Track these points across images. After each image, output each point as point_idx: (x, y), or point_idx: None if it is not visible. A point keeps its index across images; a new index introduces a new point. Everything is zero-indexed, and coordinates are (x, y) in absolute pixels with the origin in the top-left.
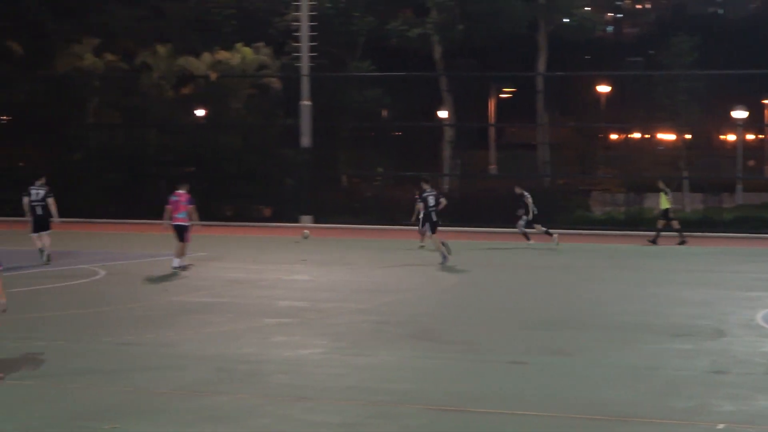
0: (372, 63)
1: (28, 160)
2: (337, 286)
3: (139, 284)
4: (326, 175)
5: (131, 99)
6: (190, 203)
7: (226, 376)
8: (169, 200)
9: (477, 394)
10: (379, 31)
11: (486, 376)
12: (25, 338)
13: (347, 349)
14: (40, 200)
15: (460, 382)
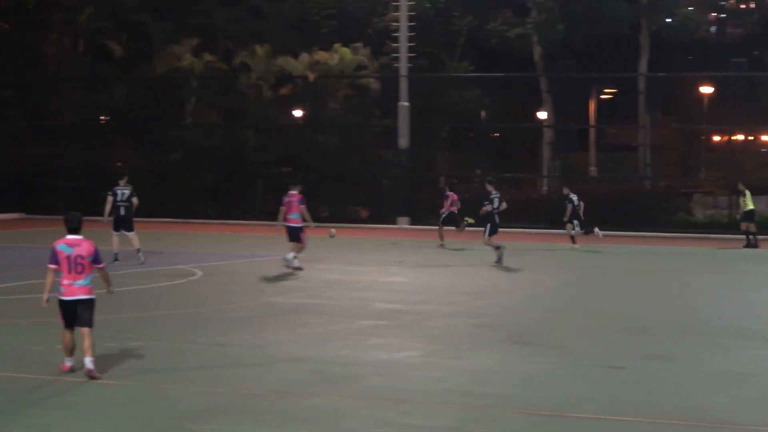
0: (471, 63)
1: (125, 160)
2: (433, 288)
3: (236, 285)
4: (424, 177)
5: (229, 99)
6: (301, 203)
7: (321, 378)
8: (283, 201)
9: (574, 399)
10: (479, 32)
11: (583, 381)
12: (122, 338)
13: (444, 352)
14: (125, 200)
15: (557, 386)
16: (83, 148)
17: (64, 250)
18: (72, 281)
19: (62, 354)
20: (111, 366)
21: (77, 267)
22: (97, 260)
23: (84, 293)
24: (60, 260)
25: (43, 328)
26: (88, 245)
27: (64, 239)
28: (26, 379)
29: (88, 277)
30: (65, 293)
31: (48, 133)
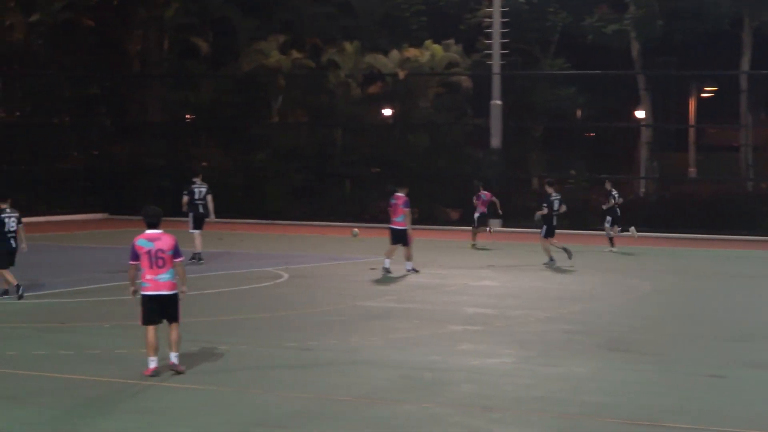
0: (566, 60)
1: (210, 159)
2: (525, 292)
3: (323, 288)
4: (516, 177)
5: (317, 98)
6: (406, 206)
7: (411, 384)
8: (389, 203)
9: (673, 408)
10: (574, 28)
11: (682, 390)
12: (208, 341)
13: (536, 359)
14: (202, 198)
15: (654, 395)
16: (168, 148)
17: (144, 246)
18: (155, 276)
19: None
20: (197, 370)
21: (158, 261)
22: (177, 254)
23: (168, 288)
24: (141, 256)
25: (126, 330)
26: (168, 239)
27: (143, 234)
28: (111, 383)
29: (171, 271)
30: (150, 288)
31: (133, 132)
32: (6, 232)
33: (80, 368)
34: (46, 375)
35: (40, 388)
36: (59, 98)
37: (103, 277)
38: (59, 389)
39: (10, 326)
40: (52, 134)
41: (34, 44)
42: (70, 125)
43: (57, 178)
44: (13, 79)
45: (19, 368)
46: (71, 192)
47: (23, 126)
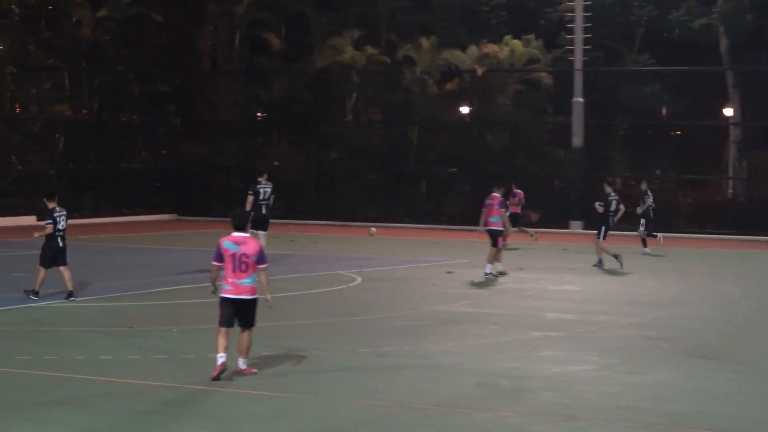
0: (651, 56)
1: (282, 158)
2: (608, 297)
3: (398, 292)
4: (599, 178)
5: (392, 95)
6: (501, 207)
7: (489, 392)
8: (484, 203)
9: (761, 419)
10: (660, 22)
11: None
12: (280, 346)
13: (619, 366)
14: (267, 199)
15: (744, 405)
16: (239, 147)
17: (229, 248)
18: (236, 280)
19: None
20: (267, 375)
21: (242, 266)
22: (261, 260)
23: (248, 293)
24: (225, 258)
25: (195, 335)
26: (253, 244)
27: (230, 236)
28: (178, 389)
29: (252, 276)
30: (230, 291)
31: (202, 131)
32: (57, 230)
33: (147, 373)
34: (112, 380)
35: (106, 393)
36: (127, 96)
37: (171, 280)
38: (126, 394)
39: (76, 330)
40: (119, 133)
41: (102, 40)
42: (138, 123)
43: (124, 177)
44: (81, 76)
45: (85, 373)
46: (139, 192)
47: (90, 124)
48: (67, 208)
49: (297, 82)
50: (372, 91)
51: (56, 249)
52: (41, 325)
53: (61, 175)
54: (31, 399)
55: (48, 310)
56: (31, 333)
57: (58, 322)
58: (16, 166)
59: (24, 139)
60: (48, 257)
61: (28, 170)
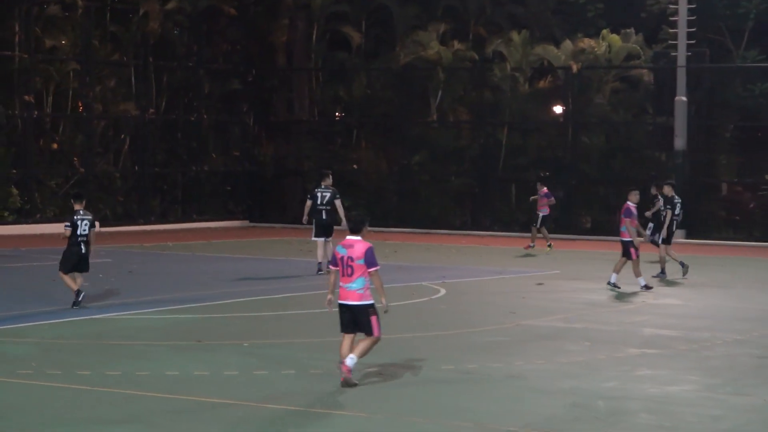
0: (761, 52)
1: (362, 161)
2: (712, 312)
3: (484, 305)
4: (703, 183)
5: (480, 93)
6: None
7: (582, 414)
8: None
9: None
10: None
11: None
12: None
13: (724, 387)
14: (326, 204)
15: None
16: (316, 149)
17: (339, 252)
18: (344, 284)
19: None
20: (345, 394)
21: (347, 269)
22: (369, 264)
23: (354, 298)
24: (337, 261)
25: (267, 350)
26: (360, 247)
27: (343, 240)
28: (248, 407)
29: (359, 280)
30: (340, 296)
31: (277, 132)
32: (77, 235)
33: (216, 390)
34: (179, 397)
35: (173, 411)
36: (197, 94)
37: (243, 291)
38: (194, 413)
39: (142, 344)
40: (189, 133)
41: (171, 35)
42: (208, 123)
43: (194, 181)
44: (148, 72)
45: (150, 390)
46: (209, 197)
47: (158, 124)
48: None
49: (378, 79)
50: (459, 89)
51: (79, 255)
52: (104, 338)
53: (126, 179)
54: (93, 417)
55: (111, 323)
56: (93, 346)
57: (122, 335)
58: (78, 169)
59: (87, 139)
60: (71, 263)
61: (91, 173)
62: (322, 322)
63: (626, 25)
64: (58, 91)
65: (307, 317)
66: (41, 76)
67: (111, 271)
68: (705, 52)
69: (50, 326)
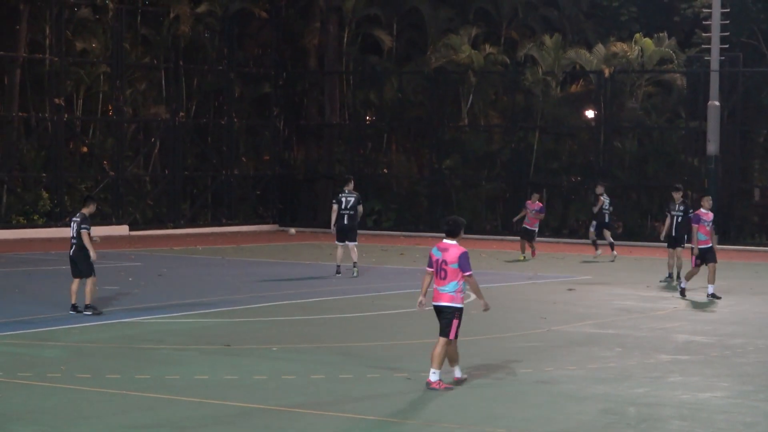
0: None
1: (393, 166)
2: (746, 318)
3: (515, 311)
4: (736, 189)
5: (512, 97)
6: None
7: (614, 420)
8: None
9: None
10: None
11: None
12: (387, 368)
13: (757, 394)
14: (350, 208)
15: None
16: (347, 153)
17: (434, 254)
18: (437, 286)
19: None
20: (376, 399)
21: (441, 272)
22: (462, 268)
23: (445, 300)
24: (432, 264)
25: (296, 355)
26: (455, 251)
27: (439, 243)
28: (277, 412)
29: (452, 284)
30: (433, 298)
31: (308, 136)
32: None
33: (246, 395)
34: (209, 401)
35: (203, 416)
36: (228, 97)
37: (272, 296)
38: (225, 417)
39: (171, 348)
40: (219, 137)
41: (202, 38)
42: (239, 127)
43: (224, 185)
44: (178, 76)
45: (180, 394)
46: (239, 201)
47: (188, 128)
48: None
49: (410, 83)
50: (491, 93)
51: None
52: (133, 341)
53: (156, 182)
54: (122, 421)
55: (141, 326)
56: (123, 350)
57: (151, 339)
58: (108, 172)
59: (117, 143)
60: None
61: (121, 176)
62: (351, 326)
63: (660, 29)
64: (89, 95)
65: (336, 321)
66: (72, 79)
67: (140, 275)
68: (739, 57)
69: (80, 330)
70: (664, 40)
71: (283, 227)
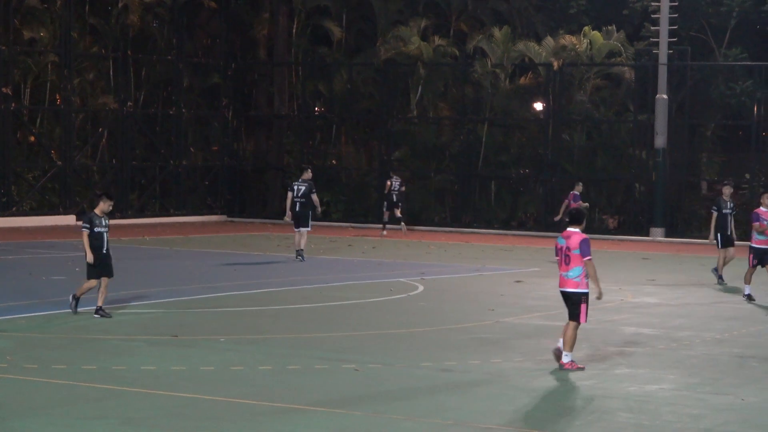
0: (743, 50)
1: (342, 157)
2: (692, 311)
3: (463, 302)
4: (684, 182)
5: (462, 89)
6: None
7: (561, 412)
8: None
9: None
10: (753, 13)
11: None
12: (336, 359)
13: (704, 386)
14: (302, 196)
15: None
16: (296, 144)
17: (558, 242)
18: (562, 273)
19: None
20: (324, 390)
21: (565, 258)
22: (583, 253)
23: (571, 286)
24: (557, 251)
25: (243, 346)
26: (576, 238)
27: (564, 231)
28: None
29: (576, 269)
30: (559, 284)
31: (257, 127)
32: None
33: (193, 386)
34: (156, 393)
35: (150, 407)
36: (177, 88)
37: (220, 287)
38: (172, 408)
39: (118, 338)
40: (167, 127)
41: (150, 27)
42: (187, 118)
43: (172, 176)
44: (127, 65)
45: (128, 385)
46: (188, 191)
47: (136, 118)
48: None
49: (359, 75)
50: (440, 85)
51: None
52: (81, 332)
53: (104, 172)
54: (68, 412)
55: (88, 317)
56: (70, 341)
57: (99, 330)
58: (56, 162)
59: (65, 132)
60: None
61: (69, 166)
62: (299, 317)
63: (609, 23)
64: (37, 84)
65: (284, 312)
66: (19, 68)
67: None
68: (687, 50)
69: (26, 320)
70: (612, 34)
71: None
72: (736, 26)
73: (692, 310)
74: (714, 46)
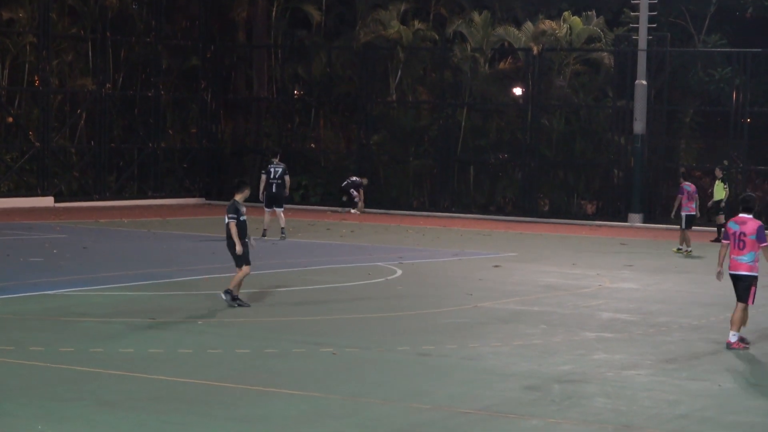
0: (722, 37)
1: (321, 141)
2: (669, 297)
3: (441, 286)
4: (662, 167)
5: (441, 74)
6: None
7: (538, 397)
8: None
9: None
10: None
11: None
12: (313, 343)
13: (680, 372)
14: (278, 178)
15: None
16: (275, 127)
17: (732, 227)
18: (735, 256)
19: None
20: (301, 374)
21: (739, 243)
22: (760, 239)
23: (744, 269)
24: (729, 236)
25: (221, 329)
26: (752, 224)
27: (736, 217)
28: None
29: (750, 254)
30: (730, 267)
31: (236, 109)
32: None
33: (171, 368)
34: (134, 375)
35: (128, 390)
36: (155, 70)
37: (198, 269)
38: (149, 391)
39: (96, 321)
40: (146, 109)
41: (130, 9)
42: (166, 100)
43: (150, 158)
44: (105, 47)
45: (105, 367)
46: (166, 174)
47: (114, 100)
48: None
49: (338, 58)
50: (419, 69)
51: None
52: (58, 314)
53: (82, 154)
54: (45, 394)
55: (65, 299)
56: (47, 323)
57: (76, 312)
58: (34, 143)
59: (43, 114)
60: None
61: (47, 148)
62: (276, 301)
63: (588, 8)
64: (15, 65)
65: (262, 296)
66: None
67: (65, 247)
68: (666, 36)
69: (2, 302)
70: (592, 19)
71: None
72: (715, 13)
73: (670, 295)
74: (693, 33)
